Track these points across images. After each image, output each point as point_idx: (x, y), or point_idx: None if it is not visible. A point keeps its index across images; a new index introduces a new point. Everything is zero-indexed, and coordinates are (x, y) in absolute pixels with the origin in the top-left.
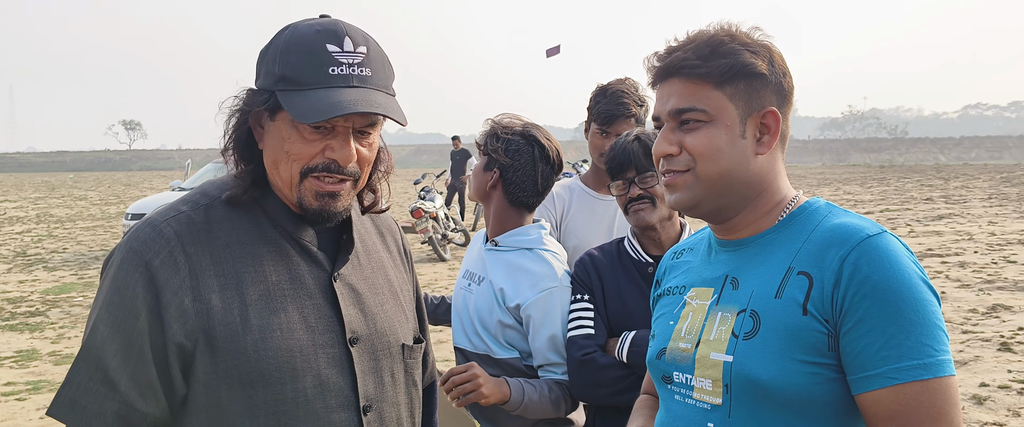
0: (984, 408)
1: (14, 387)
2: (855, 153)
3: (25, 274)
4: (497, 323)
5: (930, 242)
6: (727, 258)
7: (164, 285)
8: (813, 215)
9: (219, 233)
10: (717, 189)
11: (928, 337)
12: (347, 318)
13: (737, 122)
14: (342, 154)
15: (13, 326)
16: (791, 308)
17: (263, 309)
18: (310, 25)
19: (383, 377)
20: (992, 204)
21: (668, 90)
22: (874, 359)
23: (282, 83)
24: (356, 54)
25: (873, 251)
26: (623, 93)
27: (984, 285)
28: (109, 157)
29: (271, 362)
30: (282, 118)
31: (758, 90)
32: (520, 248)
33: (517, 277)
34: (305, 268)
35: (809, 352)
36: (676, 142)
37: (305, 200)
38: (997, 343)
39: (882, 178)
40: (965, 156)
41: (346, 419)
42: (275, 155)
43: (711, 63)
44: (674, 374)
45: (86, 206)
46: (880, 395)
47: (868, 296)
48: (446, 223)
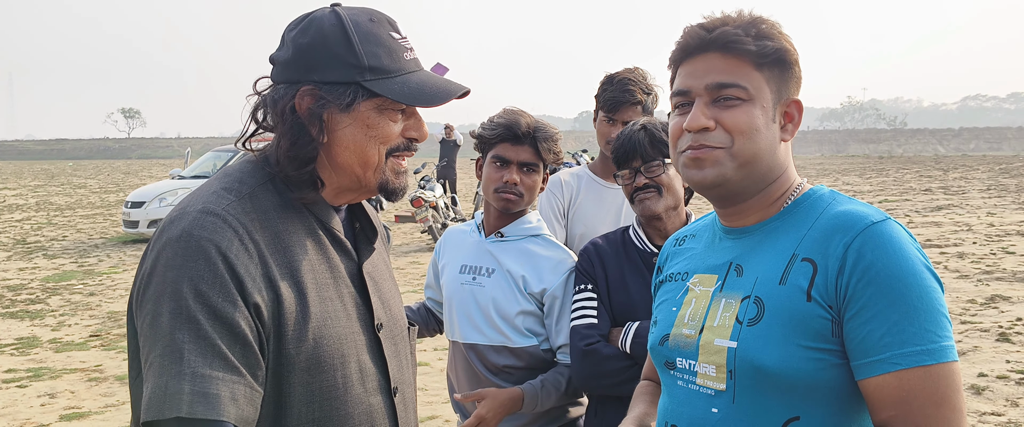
0: (983, 398)
1: (15, 374)
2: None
3: (25, 262)
4: (518, 311)
5: (929, 233)
6: (732, 245)
7: (244, 271)
8: (817, 202)
9: (269, 220)
10: (747, 169)
11: (931, 323)
12: (375, 306)
13: (771, 105)
14: (421, 132)
15: (14, 313)
16: (795, 294)
17: (314, 297)
18: (355, 15)
19: (403, 361)
20: (991, 195)
21: (706, 64)
22: (877, 345)
23: (369, 74)
24: (408, 39)
25: (877, 238)
26: (630, 81)
27: (983, 276)
28: (108, 145)
29: (327, 349)
30: (366, 107)
31: (788, 78)
32: (528, 235)
33: (536, 263)
34: (338, 257)
35: (813, 338)
36: (712, 117)
37: (388, 179)
38: (995, 333)
39: (881, 169)
40: (964, 147)
41: (381, 402)
42: (357, 144)
43: (759, 42)
44: (677, 360)
45: (86, 194)
46: (883, 381)
47: (872, 283)
48: (446, 212)
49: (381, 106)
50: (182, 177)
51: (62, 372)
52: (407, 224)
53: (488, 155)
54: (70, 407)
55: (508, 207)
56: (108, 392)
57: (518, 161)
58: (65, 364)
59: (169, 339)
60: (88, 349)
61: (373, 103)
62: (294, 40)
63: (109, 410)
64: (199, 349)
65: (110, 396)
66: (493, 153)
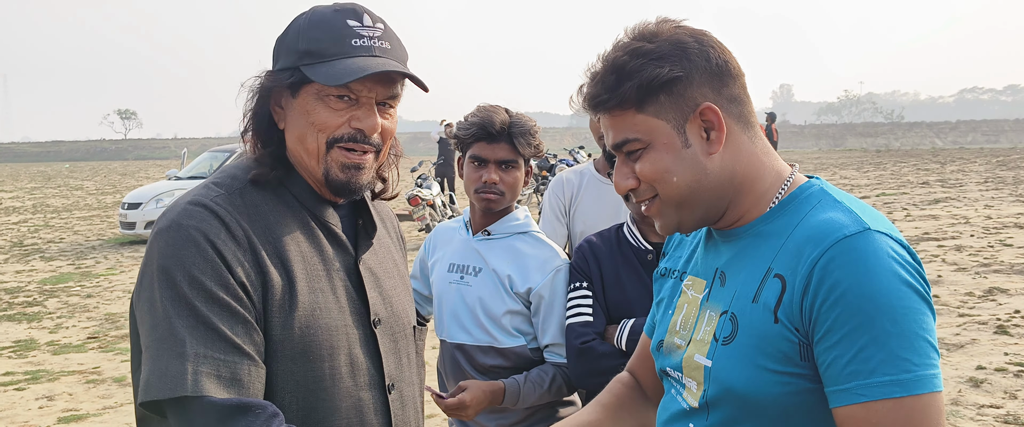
0: (981, 391)
1: (13, 377)
2: (851, 138)
3: (22, 264)
4: (505, 311)
5: (927, 226)
6: (722, 248)
7: (231, 259)
8: (803, 204)
9: (259, 212)
10: (688, 205)
11: (905, 349)
12: (372, 300)
13: (674, 135)
14: (368, 123)
15: (11, 316)
16: (764, 315)
17: (304, 288)
18: (328, 6)
19: (401, 358)
20: (988, 188)
21: (604, 125)
22: (843, 373)
23: (306, 58)
24: (375, 28)
25: (847, 254)
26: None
27: (980, 268)
28: (105, 147)
29: (314, 339)
30: (307, 92)
31: (681, 93)
32: (515, 233)
33: (523, 262)
34: (332, 251)
35: (780, 361)
36: (630, 174)
37: (331, 172)
38: (994, 326)
39: (878, 162)
40: (961, 140)
41: (374, 397)
42: (300, 130)
43: (618, 91)
44: (668, 369)
45: (82, 196)
46: (850, 412)
47: (837, 304)
48: (443, 210)
49: (319, 92)
50: (179, 178)
51: (60, 374)
52: (404, 222)
53: (466, 155)
54: (68, 409)
55: (490, 206)
56: (106, 394)
57: (495, 159)
58: (63, 366)
59: (168, 325)
60: (86, 351)
61: (313, 89)
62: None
63: (107, 412)
64: (199, 333)
65: (108, 398)
66: (470, 153)
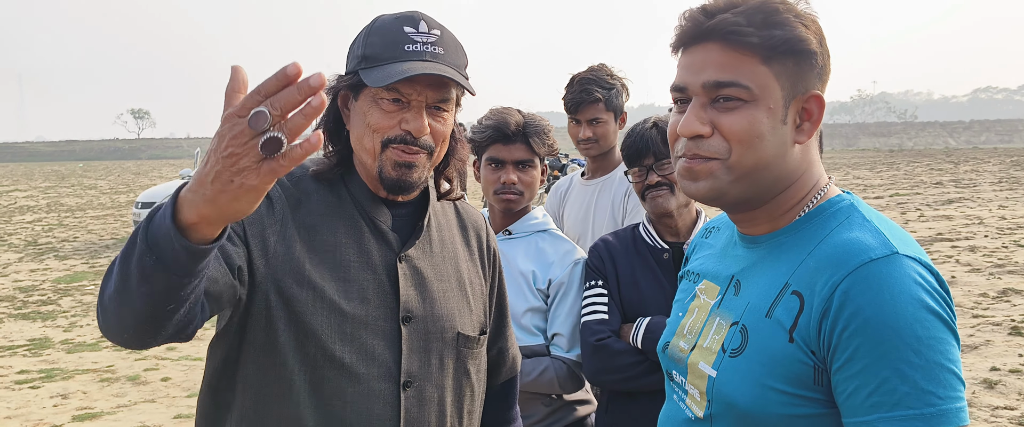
0: (995, 392)
1: (28, 375)
2: (864, 137)
3: (36, 263)
4: (526, 309)
5: (940, 226)
6: (741, 255)
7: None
8: (830, 220)
9: (305, 201)
10: (747, 181)
11: (930, 382)
12: (404, 297)
13: (780, 105)
14: (415, 125)
15: (26, 315)
16: (778, 332)
17: (326, 274)
18: (393, 14)
19: (430, 359)
20: (1002, 188)
21: (703, 57)
22: (864, 405)
23: (363, 62)
24: (430, 35)
25: (871, 279)
26: (587, 79)
27: (994, 269)
28: (118, 146)
29: (321, 321)
30: (365, 95)
31: (805, 70)
32: (536, 231)
33: (544, 258)
34: (374, 245)
35: (791, 383)
36: (708, 121)
37: (385, 169)
38: (1008, 327)
39: (891, 162)
40: (975, 140)
41: (385, 390)
42: (359, 130)
43: (764, 32)
44: (673, 373)
45: (96, 195)
46: None
47: (859, 332)
48: None
49: (375, 95)
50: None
51: (74, 373)
52: None
53: (483, 158)
54: (82, 408)
55: (510, 207)
56: (120, 392)
57: (512, 160)
58: (77, 365)
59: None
60: (100, 350)
61: (370, 92)
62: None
63: (121, 410)
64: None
65: (122, 396)
66: (487, 155)
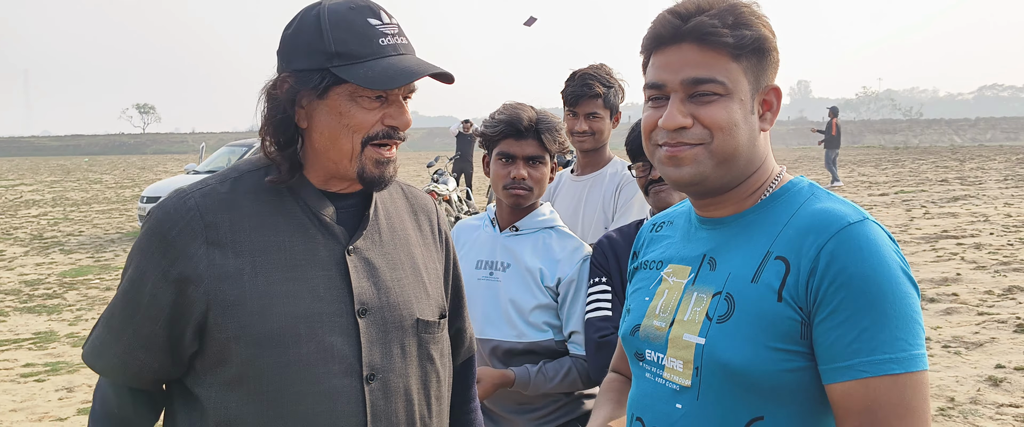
0: (1000, 390)
1: (33, 368)
2: (870, 134)
3: (42, 257)
4: (534, 306)
5: (945, 224)
6: (707, 236)
7: (181, 252)
8: (796, 196)
9: (242, 205)
10: (726, 166)
11: (903, 331)
12: (357, 290)
13: (749, 97)
14: (402, 120)
15: (31, 308)
16: (766, 294)
17: (273, 277)
18: (341, 4)
19: (392, 349)
20: (1008, 185)
21: (680, 56)
22: (846, 351)
23: (337, 60)
24: (393, 25)
25: (852, 240)
26: (588, 75)
27: (1000, 267)
28: (123, 141)
29: (274, 326)
30: (338, 93)
31: (767, 66)
32: (543, 228)
33: (552, 255)
34: (321, 241)
35: (781, 339)
36: (688, 114)
37: (366, 169)
38: (1013, 325)
39: (897, 160)
40: (980, 137)
41: (348, 385)
42: (332, 130)
43: (736, 33)
44: (647, 352)
45: (101, 189)
46: (849, 387)
47: (844, 286)
48: (460, 206)
49: (353, 93)
50: (197, 172)
51: (79, 366)
52: None
53: (494, 152)
54: (88, 401)
55: (519, 202)
56: None
57: (523, 156)
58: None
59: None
60: None
61: (345, 90)
62: (282, 33)
63: None
64: (106, 311)
65: None
66: (498, 150)
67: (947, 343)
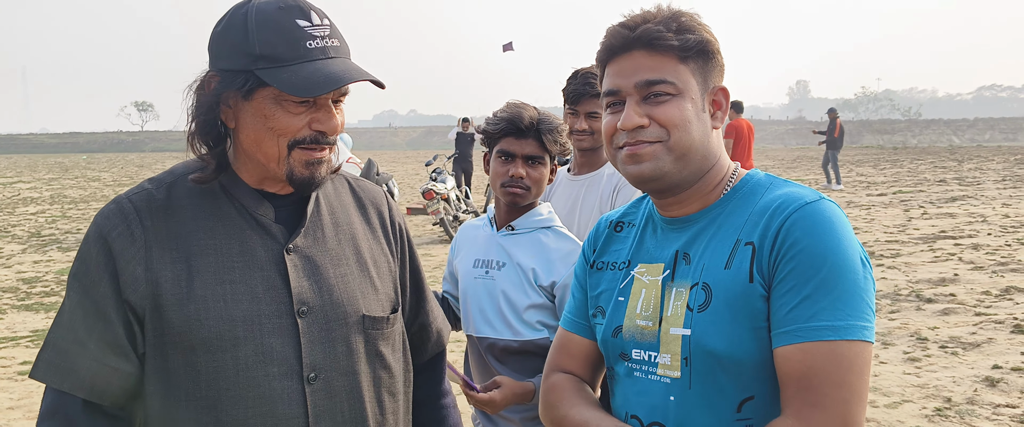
0: (997, 390)
1: (31, 366)
2: (868, 135)
3: (40, 254)
4: (527, 305)
5: (943, 224)
6: (676, 235)
7: (119, 255)
8: (756, 188)
9: (177, 209)
10: (683, 161)
11: (844, 302)
12: (296, 289)
13: (699, 97)
14: (329, 125)
15: (29, 306)
16: (739, 277)
17: (209, 280)
18: (270, 3)
19: (335, 347)
20: (1006, 186)
21: (632, 62)
22: (787, 316)
23: (261, 62)
24: (324, 26)
25: (806, 218)
26: (591, 74)
27: (998, 267)
28: (122, 138)
29: (211, 330)
30: (263, 96)
31: (712, 68)
32: (539, 228)
33: (546, 255)
34: (258, 241)
35: (756, 317)
36: (644, 114)
37: (295, 171)
38: (1010, 325)
39: (895, 160)
40: (979, 138)
41: (288, 388)
42: (256, 133)
43: (680, 36)
44: (633, 351)
45: (99, 187)
46: (788, 352)
47: (794, 258)
48: (458, 204)
49: (278, 97)
50: None
51: None
52: (419, 216)
53: (494, 150)
54: None
55: (516, 201)
56: None
57: (523, 154)
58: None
59: (58, 311)
60: None
61: (270, 93)
62: (212, 29)
63: None
64: (59, 324)
65: None
66: (498, 148)
67: (944, 343)
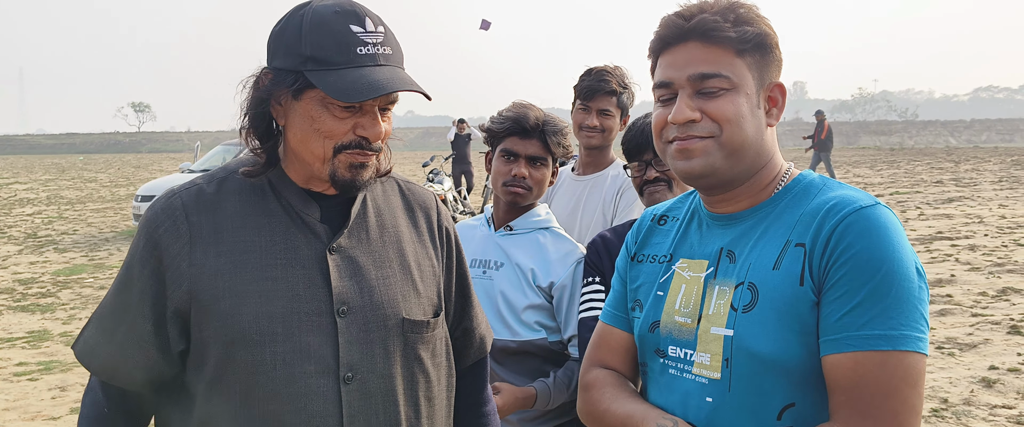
0: (993, 391)
1: (26, 367)
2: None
3: (36, 255)
4: (525, 305)
5: (940, 225)
6: (722, 231)
7: (165, 250)
8: (809, 188)
9: (226, 204)
10: (735, 158)
11: (898, 311)
12: (337, 289)
13: (755, 92)
14: (373, 132)
15: (25, 307)
16: (788, 279)
17: (250, 276)
18: (327, 7)
19: (373, 349)
20: (1003, 187)
21: (686, 54)
22: (838, 324)
23: (311, 64)
24: (378, 33)
25: (861, 222)
26: (606, 72)
27: (994, 268)
28: (119, 139)
29: (249, 325)
30: (310, 97)
31: (769, 63)
32: (537, 229)
33: (545, 256)
34: (302, 240)
35: (805, 322)
36: (697, 108)
37: (338, 172)
38: (1007, 326)
39: (892, 161)
40: (976, 139)
41: (324, 385)
42: (303, 133)
43: (738, 29)
44: (670, 348)
45: (96, 188)
46: (837, 361)
47: (846, 263)
48: (455, 205)
49: (325, 99)
50: (192, 171)
51: (73, 365)
52: None
53: (497, 149)
54: (81, 400)
55: (517, 201)
56: None
57: (526, 155)
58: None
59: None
60: None
61: (317, 95)
62: (272, 28)
63: None
64: (98, 309)
65: None
66: (502, 147)
67: (941, 344)
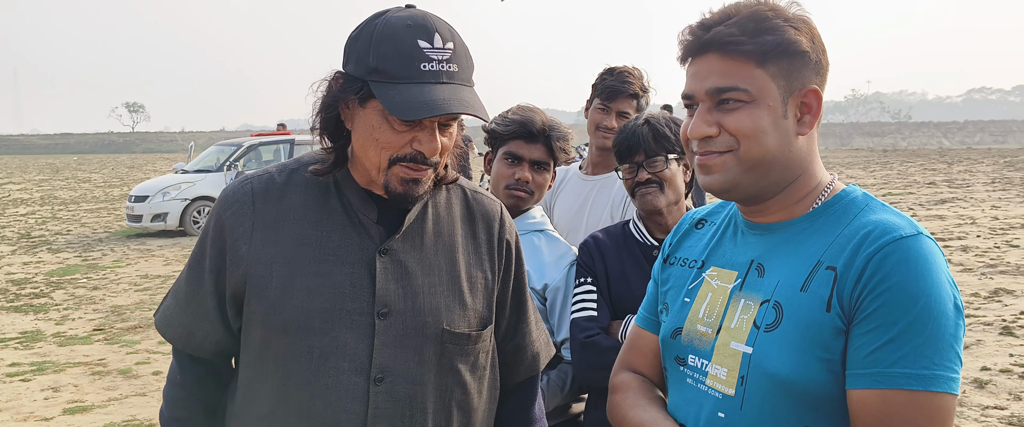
0: (985, 392)
1: (19, 368)
2: (858, 137)
3: (29, 256)
4: None
5: (933, 226)
6: (756, 242)
7: (230, 232)
8: (850, 206)
9: (291, 196)
10: (758, 172)
11: (931, 349)
12: (381, 291)
13: (779, 102)
14: (429, 147)
15: (18, 307)
16: (815, 303)
17: (302, 269)
18: (401, 18)
19: (408, 354)
20: (995, 188)
21: (705, 67)
22: (868, 358)
23: (375, 74)
24: (445, 50)
25: (901, 252)
26: (628, 73)
27: (986, 269)
28: (113, 139)
29: (291, 317)
30: (373, 107)
31: (800, 68)
32: (532, 231)
33: (539, 258)
34: (355, 239)
35: (828, 349)
36: (714, 122)
37: (391, 184)
38: (999, 327)
39: (885, 162)
40: (969, 140)
41: (354, 383)
42: (364, 140)
43: (756, 40)
44: (689, 357)
45: (90, 188)
46: (864, 396)
47: (881, 295)
48: None
49: (384, 111)
50: (186, 171)
51: (66, 366)
52: None
53: (500, 151)
54: (73, 401)
55: (518, 204)
56: (111, 386)
57: (530, 159)
58: (69, 358)
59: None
60: (91, 343)
61: (378, 105)
62: (350, 32)
63: (112, 404)
64: (175, 283)
65: (113, 390)
66: (505, 149)
67: None
